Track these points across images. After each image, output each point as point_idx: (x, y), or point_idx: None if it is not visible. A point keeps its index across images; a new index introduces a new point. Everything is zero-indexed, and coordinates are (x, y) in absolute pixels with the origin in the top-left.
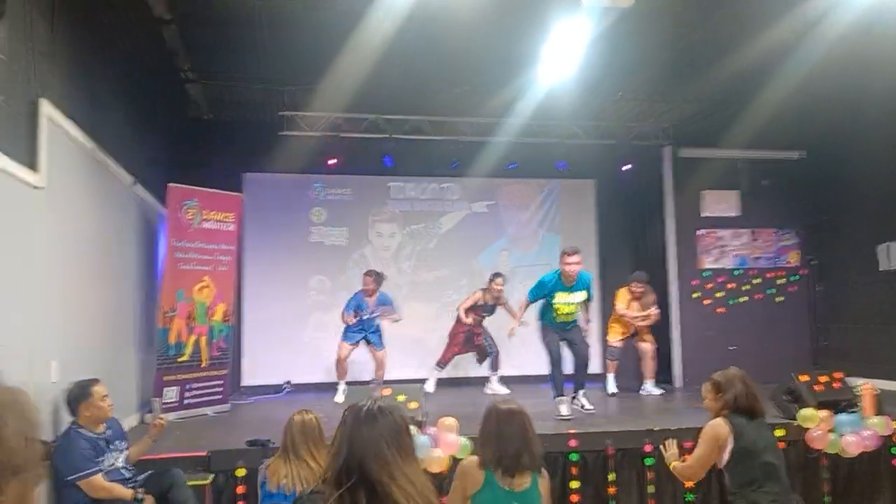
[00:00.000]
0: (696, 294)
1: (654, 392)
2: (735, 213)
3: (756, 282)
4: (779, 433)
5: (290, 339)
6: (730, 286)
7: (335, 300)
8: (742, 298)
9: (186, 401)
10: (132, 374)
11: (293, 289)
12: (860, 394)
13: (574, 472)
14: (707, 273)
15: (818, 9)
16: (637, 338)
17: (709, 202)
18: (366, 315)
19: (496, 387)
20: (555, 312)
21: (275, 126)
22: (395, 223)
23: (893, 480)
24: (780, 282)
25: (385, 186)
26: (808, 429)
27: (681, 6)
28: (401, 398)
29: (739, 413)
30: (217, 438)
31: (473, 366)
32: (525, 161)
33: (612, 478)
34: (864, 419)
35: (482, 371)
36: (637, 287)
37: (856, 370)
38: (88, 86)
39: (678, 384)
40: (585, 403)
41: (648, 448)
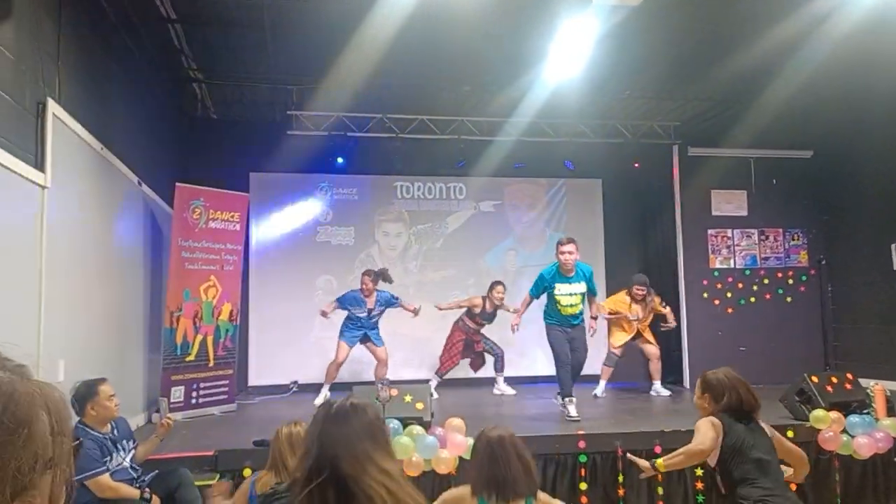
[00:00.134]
0: (706, 294)
1: (663, 393)
2: (744, 213)
3: (766, 281)
4: (790, 434)
5: (297, 339)
6: (739, 286)
7: None
8: (752, 298)
9: (193, 400)
10: (139, 374)
11: (300, 288)
12: (872, 395)
13: (583, 474)
14: (716, 273)
15: (824, 7)
16: (640, 340)
17: (717, 201)
18: (369, 313)
19: (503, 387)
20: (558, 304)
21: (281, 125)
22: (402, 223)
23: None
24: (790, 282)
25: (391, 186)
26: (820, 430)
27: (689, 4)
28: (408, 398)
29: (731, 415)
30: (224, 438)
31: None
32: (532, 160)
33: (622, 479)
34: (877, 421)
35: (488, 372)
36: (639, 290)
37: (867, 371)
38: (95, 85)
39: (687, 385)
40: (571, 409)
41: (658, 449)
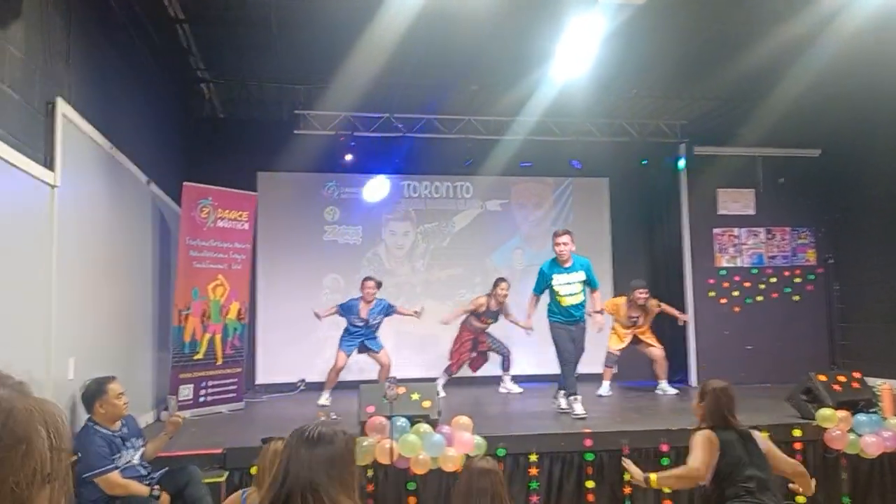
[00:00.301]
0: (712, 293)
1: (670, 391)
2: (751, 211)
3: (773, 280)
4: (796, 433)
5: (304, 338)
6: (746, 285)
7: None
8: (758, 297)
9: (201, 398)
10: (148, 372)
11: (307, 287)
12: (879, 394)
13: (589, 472)
14: (723, 271)
15: (832, 6)
16: (642, 346)
17: (724, 200)
18: (366, 323)
19: (510, 385)
20: (557, 296)
21: (288, 125)
22: (409, 222)
23: None
24: (797, 280)
25: (398, 185)
26: (827, 429)
27: (696, 3)
28: (415, 396)
29: (720, 425)
30: (232, 436)
31: (486, 365)
32: (538, 159)
33: (628, 477)
34: (884, 419)
35: (495, 370)
36: (641, 294)
37: (874, 370)
38: (104, 85)
39: (694, 383)
40: (563, 403)
41: (665, 448)
